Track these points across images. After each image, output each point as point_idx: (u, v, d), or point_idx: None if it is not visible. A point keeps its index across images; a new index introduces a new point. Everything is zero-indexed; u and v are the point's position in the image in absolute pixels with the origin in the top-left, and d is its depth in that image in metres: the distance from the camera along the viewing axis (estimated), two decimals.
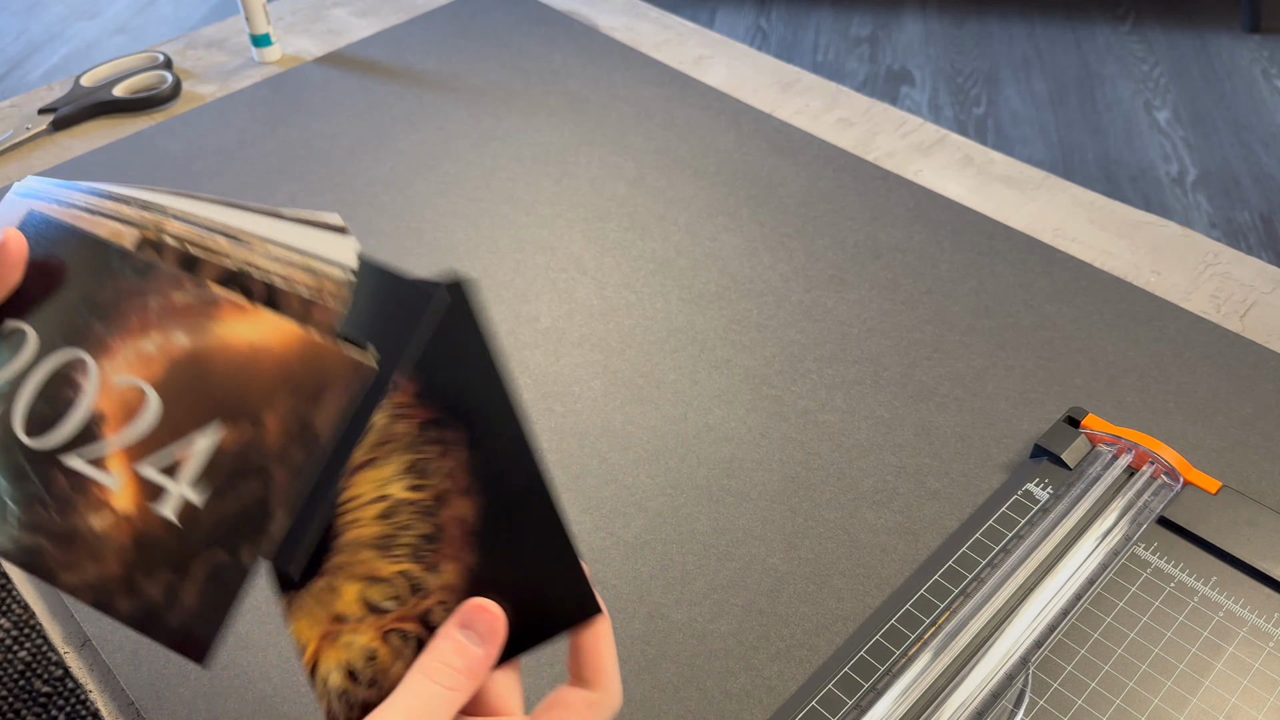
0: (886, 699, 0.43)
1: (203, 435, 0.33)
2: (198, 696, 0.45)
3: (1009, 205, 0.72)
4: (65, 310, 0.35)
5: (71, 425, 0.34)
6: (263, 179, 0.74)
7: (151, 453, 0.33)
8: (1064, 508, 0.50)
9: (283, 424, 0.33)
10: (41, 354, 0.34)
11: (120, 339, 0.34)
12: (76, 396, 0.34)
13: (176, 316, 0.34)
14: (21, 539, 0.34)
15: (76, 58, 2.46)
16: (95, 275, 0.35)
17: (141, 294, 0.34)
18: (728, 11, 2.53)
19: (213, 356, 0.34)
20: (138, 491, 0.33)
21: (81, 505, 0.33)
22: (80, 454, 0.34)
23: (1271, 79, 2.22)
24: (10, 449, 0.34)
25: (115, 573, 0.33)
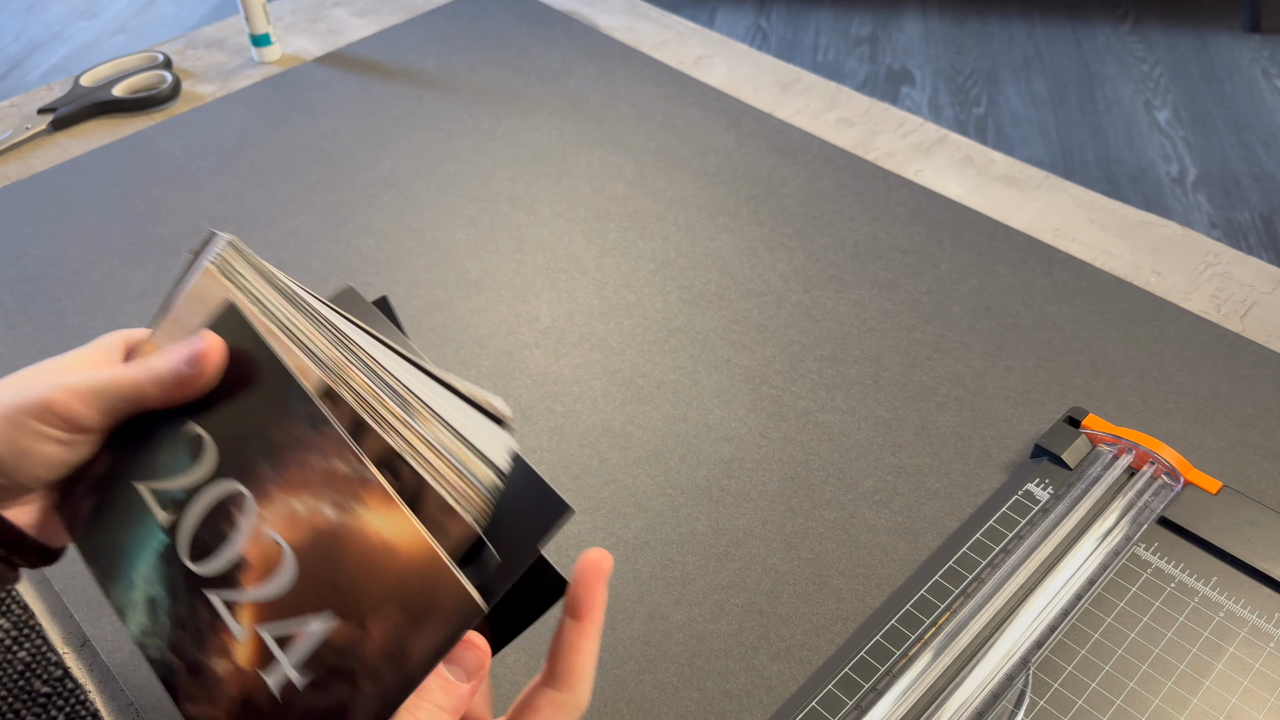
0: (887, 699, 0.43)
1: (318, 620, 0.33)
2: None
3: (1009, 205, 0.72)
4: (243, 438, 0.36)
5: (222, 561, 0.35)
6: (263, 179, 0.74)
7: (275, 619, 0.34)
8: (1064, 508, 0.50)
9: (384, 637, 0.33)
10: (215, 474, 0.36)
11: (280, 488, 0.35)
12: (232, 534, 0.35)
13: (331, 486, 0.34)
14: (165, 655, 0.35)
15: (76, 57, 2.46)
16: (274, 411, 0.36)
17: (309, 449, 0.35)
18: (728, 11, 2.53)
19: (349, 540, 0.34)
20: (255, 652, 0.34)
21: (212, 643, 0.34)
22: (221, 594, 0.35)
23: (1272, 79, 2.22)
24: (174, 565, 0.35)
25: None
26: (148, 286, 0.66)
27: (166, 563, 0.35)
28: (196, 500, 0.36)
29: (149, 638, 0.35)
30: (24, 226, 0.71)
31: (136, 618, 0.35)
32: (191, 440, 0.36)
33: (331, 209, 0.72)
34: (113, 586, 0.36)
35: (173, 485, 0.36)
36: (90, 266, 0.67)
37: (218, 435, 0.36)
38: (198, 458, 0.36)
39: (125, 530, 0.36)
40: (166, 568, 0.35)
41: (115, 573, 0.36)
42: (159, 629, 0.35)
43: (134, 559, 0.36)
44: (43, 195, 0.74)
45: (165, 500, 0.36)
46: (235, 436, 0.36)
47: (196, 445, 0.36)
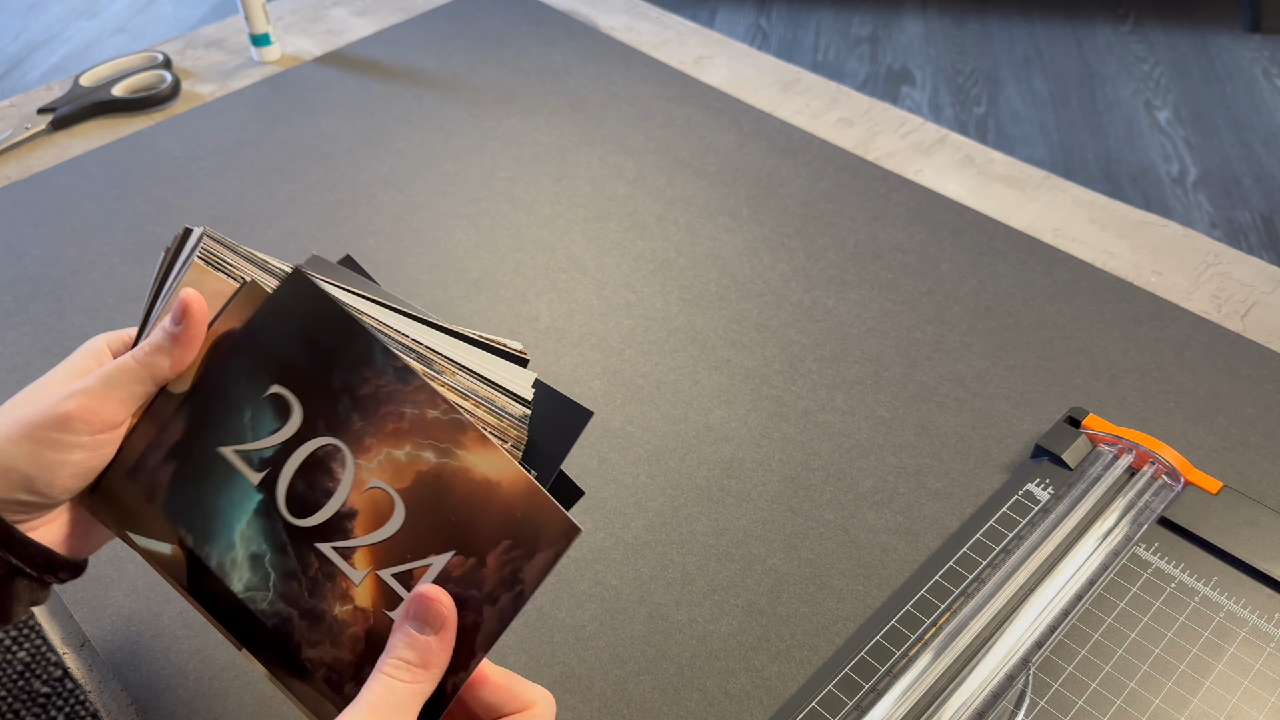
0: (887, 700, 0.43)
1: (438, 557, 0.36)
2: (197, 697, 0.44)
3: (1009, 205, 0.72)
4: (328, 395, 0.37)
5: (327, 513, 0.37)
6: (262, 179, 0.74)
7: (392, 561, 0.36)
8: (1065, 508, 0.50)
9: (499, 568, 0.35)
10: (304, 432, 0.37)
11: (376, 440, 0.37)
12: (334, 486, 0.37)
13: (427, 433, 0.37)
14: (277, 605, 0.36)
15: (76, 57, 2.46)
16: (357, 366, 0.37)
17: (400, 400, 0.37)
18: (728, 11, 2.53)
19: (454, 481, 0.36)
20: (376, 592, 0.36)
21: (328, 590, 0.36)
22: (332, 544, 0.36)
23: (1272, 79, 2.22)
24: (274, 520, 0.37)
25: (348, 659, 0.36)
26: (147, 286, 0.65)
27: (266, 519, 0.37)
28: (288, 457, 0.37)
29: (255, 592, 0.37)
30: (24, 226, 0.71)
31: (242, 574, 0.37)
32: (275, 401, 0.38)
33: (331, 209, 0.72)
34: (211, 548, 0.37)
35: (261, 445, 0.37)
36: (90, 266, 0.67)
37: (301, 395, 0.37)
38: (284, 417, 0.37)
39: (216, 493, 0.37)
40: (267, 524, 0.37)
41: (212, 534, 0.37)
42: (266, 582, 0.37)
43: (231, 520, 0.37)
44: (42, 195, 0.74)
45: (254, 460, 0.37)
46: (320, 394, 0.37)
47: (281, 405, 0.38)
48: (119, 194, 0.74)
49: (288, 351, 0.38)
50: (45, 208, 0.72)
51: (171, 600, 0.48)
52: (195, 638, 0.47)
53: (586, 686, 0.45)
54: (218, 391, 0.38)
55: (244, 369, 0.38)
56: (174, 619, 0.47)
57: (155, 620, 0.47)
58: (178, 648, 0.46)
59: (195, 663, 0.46)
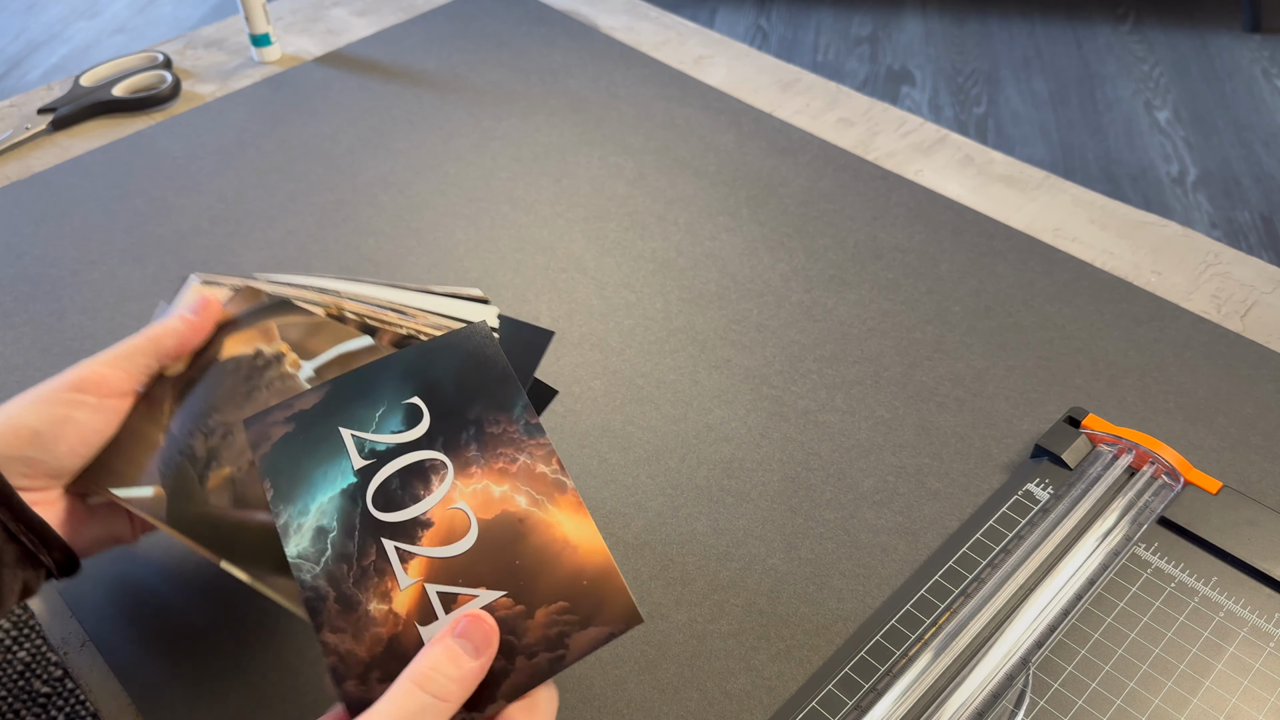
0: (887, 699, 0.43)
1: (488, 592, 0.37)
2: (197, 697, 0.44)
3: (1009, 205, 0.72)
4: (458, 421, 0.40)
5: (406, 515, 0.38)
6: (262, 179, 0.74)
7: (444, 579, 0.37)
8: (1064, 508, 0.50)
9: (547, 626, 0.36)
10: (421, 442, 0.40)
11: (482, 470, 0.39)
12: (424, 495, 0.39)
13: (530, 482, 0.39)
14: (319, 583, 0.37)
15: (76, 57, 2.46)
16: (496, 410, 0.41)
17: (519, 448, 0.40)
18: (728, 11, 2.53)
19: (535, 530, 0.38)
20: (415, 602, 0.37)
21: (373, 584, 0.37)
22: (397, 543, 0.38)
23: (1272, 79, 2.22)
24: (356, 505, 0.39)
25: (362, 657, 0.36)
26: (148, 286, 0.66)
27: (349, 501, 0.39)
28: (397, 458, 0.40)
29: (304, 561, 0.38)
30: (24, 226, 0.71)
31: (299, 541, 0.38)
32: (410, 409, 0.41)
33: (331, 209, 0.72)
34: (285, 507, 0.39)
35: (379, 439, 0.40)
36: (90, 266, 0.67)
37: (435, 413, 0.40)
38: (411, 425, 0.40)
39: (316, 463, 0.39)
40: (348, 505, 0.38)
41: (293, 496, 0.39)
42: (319, 556, 0.38)
43: (317, 490, 0.39)
44: (42, 195, 0.74)
45: (365, 449, 0.40)
46: (452, 418, 0.40)
47: (414, 414, 0.41)
48: (119, 194, 0.74)
49: (441, 376, 0.42)
50: (45, 208, 0.72)
51: (172, 600, 0.48)
52: (195, 638, 0.47)
53: (586, 686, 0.45)
54: (367, 384, 0.41)
55: (396, 375, 0.42)
56: (174, 619, 0.47)
57: (155, 620, 0.47)
58: (178, 648, 0.46)
59: (195, 663, 0.46)
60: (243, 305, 0.45)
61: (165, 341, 0.41)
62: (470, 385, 0.41)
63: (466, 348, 0.42)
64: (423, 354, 0.42)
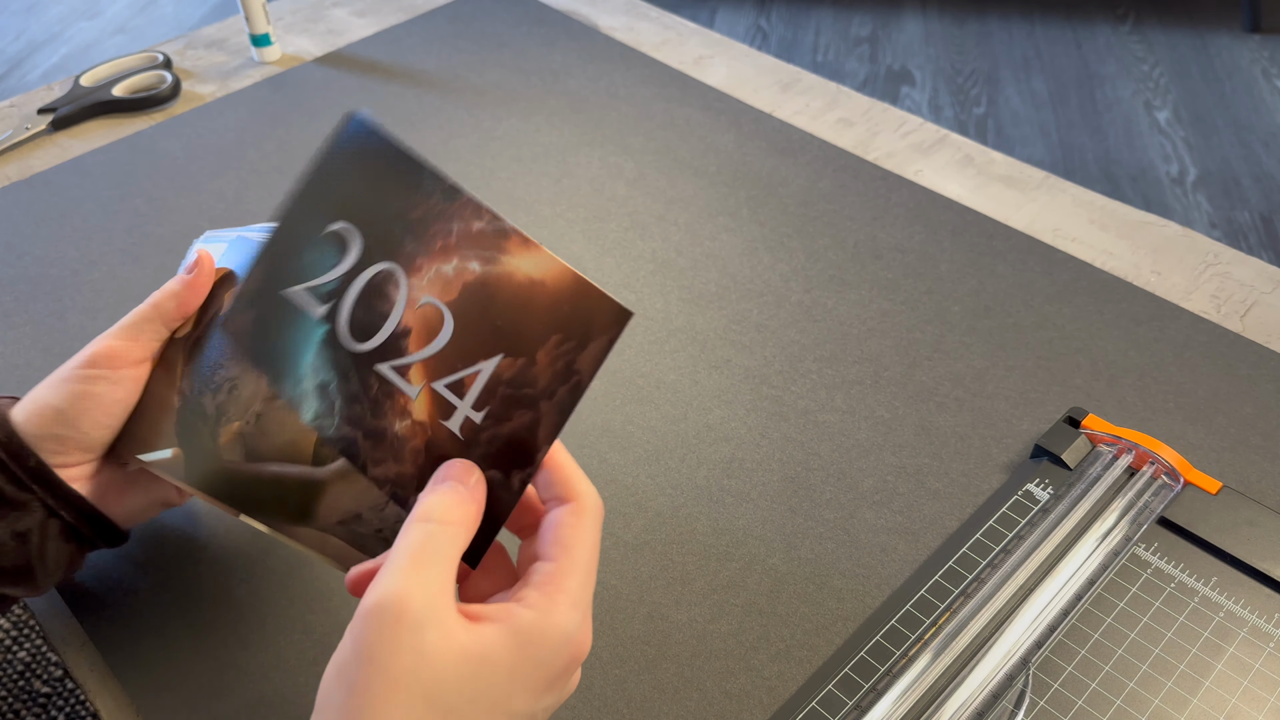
0: (887, 699, 0.43)
1: (486, 362, 0.37)
2: (197, 696, 0.45)
3: (1009, 205, 0.72)
4: (384, 223, 0.39)
5: (383, 335, 0.38)
6: (263, 179, 0.74)
7: (445, 372, 0.38)
8: (1064, 508, 0.50)
9: (551, 363, 0.37)
10: (362, 261, 0.39)
11: (426, 259, 0.38)
12: (389, 309, 0.38)
13: (473, 243, 0.38)
14: (343, 430, 0.39)
15: (76, 57, 2.46)
16: (408, 194, 0.39)
17: (448, 218, 0.38)
18: (728, 11, 2.53)
19: (499, 286, 0.37)
20: (432, 404, 0.38)
21: (388, 408, 0.38)
22: (390, 363, 0.38)
23: (1271, 79, 2.22)
24: (338, 349, 0.39)
25: (410, 472, 0.38)
26: (148, 286, 0.66)
27: (331, 348, 0.39)
28: (350, 286, 0.39)
29: (323, 419, 0.39)
30: (24, 227, 0.71)
31: (310, 405, 0.39)
32: (334, 238, 0.40)
33: None
34: (282, 384, 0.40)
35: (324, 280, 0.40)
36: (90, 266, 0.67)
37: (358, 227, 0.40)
38: (344, 250, 0.40)
39: (286, 332, 0.40)
40: (332, 353, 0.39)
41: (284, 371, 0.40)
42: (332, 409, 0.39)
43: (299, 354, 0.39)
44: (43, 195, 0.74)
45: (319, 294, 0.40)
46: (375, 223, 0.39)
47: (340, 240, 0.40)
48: (119, 194, 0.74)
49: (343, 190, 0.40)
50: (45, 208, 0.72)
51: (172, 600, 0.48)
52: (195, 637, 0.47)
53: (586, 686, 0.45)
54: (285, 238, 0.40)
55: (303, 213, 0.40)
56: (174, 619, 0.47)
57: (155, 620, 0.47)
58: (178, 648, 0.46)
59: (195, 663, 0.46)
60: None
61: (166, 305, 0.42)
62: (373, 182, 0.40)
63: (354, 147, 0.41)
64: (316, 181, 0.41)
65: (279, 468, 0.41)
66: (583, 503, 0.36)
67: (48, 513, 0.42)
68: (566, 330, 0.37)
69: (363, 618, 0.31)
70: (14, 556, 0.41)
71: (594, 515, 0.36)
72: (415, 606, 0.31)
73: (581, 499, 0.36)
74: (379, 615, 0.30)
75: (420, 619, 0.30)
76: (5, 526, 0.40)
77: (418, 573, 0.31)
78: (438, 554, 0.32)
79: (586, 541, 0.35)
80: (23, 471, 0.41)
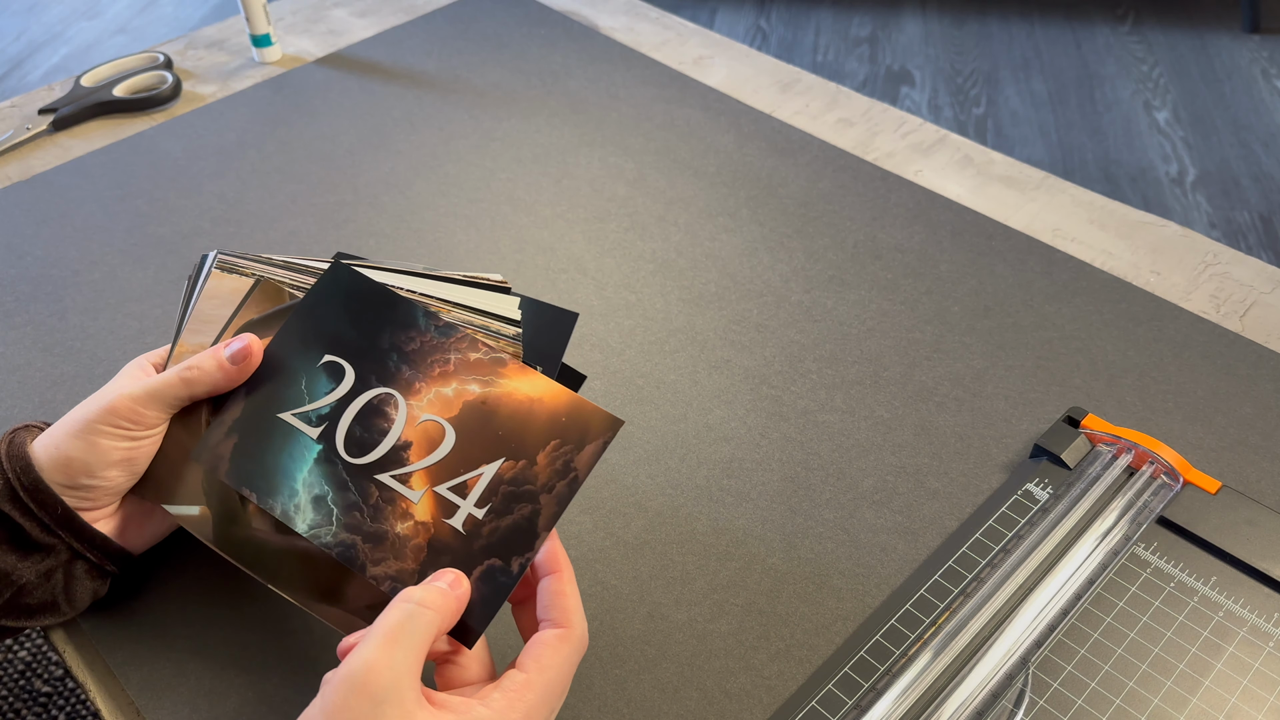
0: (886, 699, 0.43)
1: (488, 466, 0.41)
2: (198, 695, 0.45)
3: (1009, 205, 0.72)
4: (377, 355, 0.43)
5: (384, 448, 0.41)
6: (263, 180, 0.75)
7: (447, 477, 0.41)
8: (1064, 508, 0.50)
9: (550, 463, 0.40)
10: (357, 387, 0.42)
11: (425, 383, 0.42)
12: (389, 426, 0.42)
13: (471, 370, 0.42)
14: (340, 536, 0.41)
15: (77, 58, 2.46)
16: (403, 330, 0.43)
17: (445, 350, 0.42)
18: (728, 11, 2.53)
19: (500, 402, 0.41)
20: (434, 506, 0.40)
21: (389, 512, 0.41)
22: (390, 473, 0.41)
23: (1271, 79, 2.22)
24: (334, 464, 0.41)
25: (411, 568, 0.40)
26: (149, 287, 0.66)
27: (327, 464, 0.41)
28: (345, 410, 0.42)
29: (319, 529, 0.41)
30: (25, 227, 0.71)
31: (305, 516, 0.41)
32: (328, 367, 0.43)
33: (332, 210, 0.72)
34: (275, 499, 0.41)
35: (318, 405, 0.42)
36: (91, 267, 0.67)
37: (352, 359, 0.43)
38: (337, 380, 0.43)
39: (278, 453, 0.42)
40: (328, 468, 0.41)
41: (275, 488, 0.42)
42: (329, 518, 0.41)
43: (293, 472, 0.42)
44: (44, 196, 0.74)
45: (312, 419, 0.42)
46: (370, 355, 0.43)
47: (334, 370, 0.43)
48: (120, 195, 0.74)
49: (335, 327, 0.43)
50: (46, 208, 0.73)
51: (172, 600, 0.48)
52: (195, 637, 0.47)
53: (586, 685, 0.45)
54: (274, 370, 0.43)
55: (296, 347, 0.44)
56: (174, 619, 0.47)
57: (155, 620, 0.47)
58: (178, 648, 0.46)
59: (195, 662, 0.46)
60: (264, 305, 0.46)
61: (198, 386, 0.43)
62: (365, 321, 0.43)
63: (340, 291, 0.44)
64: (306, 317, 0.44)
65: (310, 545, 0.41)
66: (572, 632, 0.38)
67: (72, 555, 0.43)
68: (564, 436, 0.40)
69: (332, 684, 0.33)
70: (41, 594, 0.43)
71: (576, 647, 0.38)
72: (380, 682, 0.33)
73: (571, 629, 0.38)
74: (347, 683, 0.33)
75: (383, 694, 0.33)
76: (31, 567, 0.42)
77: (389, 650, 0.34)
78: (412, 635, 0.35)
79: (561, 667, 0.37)
80: (50, 518, 0.42)
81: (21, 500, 0.42)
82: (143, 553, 0.47)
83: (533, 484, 0.40)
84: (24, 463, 0.42)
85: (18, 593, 0.42)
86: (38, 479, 0.42)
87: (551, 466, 0.40)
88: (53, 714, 0.45)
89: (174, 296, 0.65)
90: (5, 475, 0.42)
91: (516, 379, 0.42)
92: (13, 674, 0.46)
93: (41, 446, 0.43)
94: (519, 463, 0.40)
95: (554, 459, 0.40)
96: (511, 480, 0.40)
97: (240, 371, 0.43)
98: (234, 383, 0.44)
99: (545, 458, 0.40)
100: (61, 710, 0.45)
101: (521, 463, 0.40)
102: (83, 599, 0.44)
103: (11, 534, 0.42)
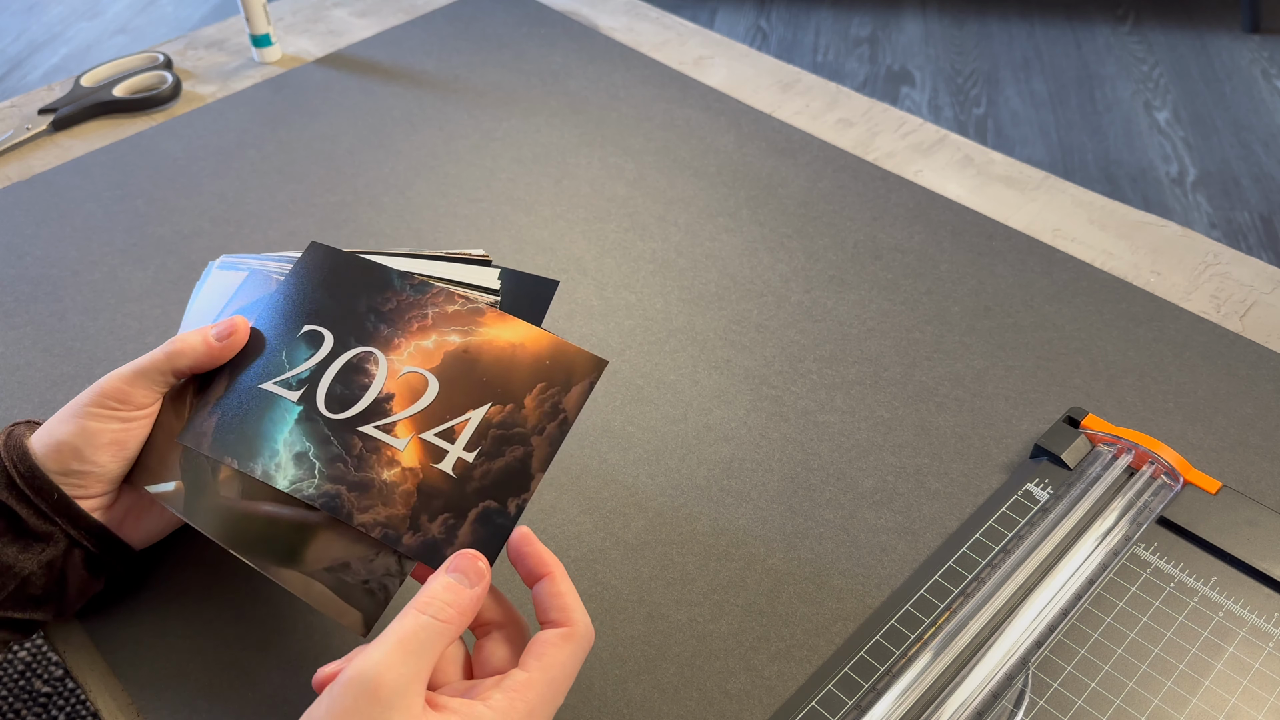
0: (886, 699, 0.43)
1: (475, 411, 0.41)
2: (197, 695, 0.45)
3: (1009, 205, 0.72)
4: (354, 318, 0.43)
5: (365, 402, 0.42)
6: (263, 180, 0.75)
7: (432, 424, 0.41)
8: (1064, 508, 0.50)
9: (538, 406, 0.41)
10: (337, 349, 0.43)
11: (404, 338, 0.42)
12: (369, 381, 0.42)
13: (450, 321, 0.42)
14: (324, 488, 0.41)
15: (77, 58, 2.46)
16: (378, 293, 0.44)
17: (420, 306, 0.43)
18: (728, 11, 2.53)
19: (481, 350, 0.42)
20: (421, 452, 0.40)
21: (374, 461, 0.41)
22: (374, 424, 0.41)
23: (1271, 79, 2.22)
24: (315, 421, 0.42)
25: (402, 513, 0.40)
26: (148, 287, 0.66)
27: (308, 422, 0.42)
28: (325, 371, 0.42)
29: (301, 483, 0.41)
30: (25, 227, 0.71)
31: (286, 472, 0.41)
32: (309, 336, 0.43)
33: (332, 210, 0.72)
34: (255, 462, 0.42)
35: (299, 370, 0.43)
36: (91, 267, 0.67)
37: (331, 325, 0.43)
38: (316, 346, 0.43)
39: (258, 420, 0.42)
40: (309, 425, 0.42)
41: (255, 451, 0.42)
42: (311, 471, 0.41)
43: (274, 435, 0.42)
44: (43, 196, 0.74)
45: (292, 384, 0.43)
46: (348, 319, 0.43)
47: (313, 337, 0.43)
48: (120, 195, 0.74)
49: (314, 300, 0.44)
50: (46, 208, 0.72)
51: (172, 600, 0.48)
52: (195, 637, 0.47)
53: (586, 686, 0.45)
54: (255, 347, 0.44)
55: (277, 324, 0.44)
56: (174, 619, 0.47)
57: (155, 620, 0.47)
58: (178, 648, 0.46)
59: (195, 663, 0.46)
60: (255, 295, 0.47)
61: (181, 361, 0.44)
62: (342, 290, 0.44)
63: (316, 266, 0.45)
64: (285, 295, 0.45)
65: (273, 508, 0.42)
66: (575, 629, 0.38)
67: (70, 543, 0.43)
68: (550, 379, 0.41)
69: (342, 684, 0.34)
70: (42, 585, 0.43)
71: (581, 644, 0.38)
72: (389, 688, 0.34)
73: (575, 626, 0.38)
74: (357, 685, 0.34)
75: (390, 700, 0.33)
76: (32, 558, 0.42)
77: (401, 658, 0.34)
78: (424, 647, 0.35)
79: (566, 666, 0.37)
80: (46, 505, 0.42)
81: (18, 487, 0.42)
82: (142, 549, 0.47)
83: (522, 426, 0.40)
84: (21, 451, 0.43)
85: (21, 584, 0.42)
86: (34, 466, 0.43)
87: (540, 409, 0.40)
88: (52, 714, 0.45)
89: (174, 296, 0.65)
90: (3, 464, 0.43)
91: (496, 326, 0.42)
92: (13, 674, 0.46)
93: (37, 436, 0.44)
94: (506, 406, 0.41)
95: (541, 401, 0.40)
96: (500, 424, 0.40)
97: (225, 348, 0.44)
98: (218, 359, 0.44)
99: (533, 400, 0.41)
100: (61, 710, 0.45)
101: (509, 406, 0.41)
102: (79, 592, 0.45)
103: (10, 523, 0.43)
